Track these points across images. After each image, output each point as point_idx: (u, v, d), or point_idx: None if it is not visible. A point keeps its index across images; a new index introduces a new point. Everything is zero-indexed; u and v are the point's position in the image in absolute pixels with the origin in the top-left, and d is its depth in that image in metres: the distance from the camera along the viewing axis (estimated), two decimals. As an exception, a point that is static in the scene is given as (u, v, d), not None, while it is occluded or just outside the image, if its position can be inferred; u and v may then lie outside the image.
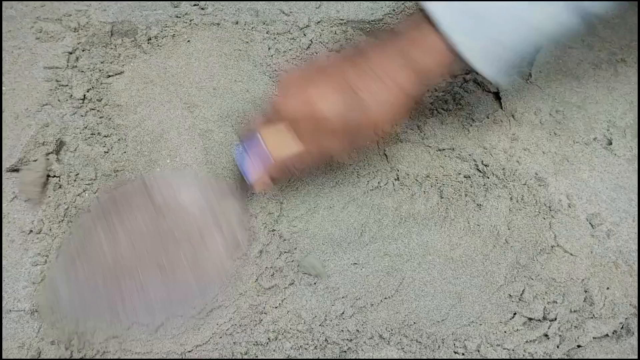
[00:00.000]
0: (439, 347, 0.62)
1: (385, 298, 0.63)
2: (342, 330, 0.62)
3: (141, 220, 0.55)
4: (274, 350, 0.61)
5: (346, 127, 0.51)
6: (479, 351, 0.61)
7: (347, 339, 0.61)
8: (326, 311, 0.62)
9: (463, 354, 0.61)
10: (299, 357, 0.61)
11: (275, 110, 0.53)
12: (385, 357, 0.61)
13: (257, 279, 0.63)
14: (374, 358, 0.61)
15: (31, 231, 0.63)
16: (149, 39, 0.75)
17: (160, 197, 0.56)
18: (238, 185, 0.58)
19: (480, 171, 0.69)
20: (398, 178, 0.69)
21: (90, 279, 0.54)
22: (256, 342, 0.61)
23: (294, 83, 0.52)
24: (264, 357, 0.61)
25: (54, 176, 0.64)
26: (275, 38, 0.75)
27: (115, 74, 0.72)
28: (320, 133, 0.52)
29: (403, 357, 0.61)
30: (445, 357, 0.61)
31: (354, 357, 0.61)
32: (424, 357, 0.61)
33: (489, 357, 0.61)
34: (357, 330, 0.62)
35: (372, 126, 0.52)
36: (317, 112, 0.50)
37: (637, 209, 0.67)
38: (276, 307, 0.62)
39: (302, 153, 0.53)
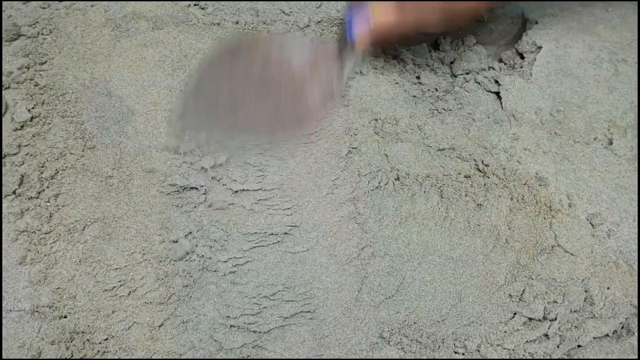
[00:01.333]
0: (439, 347, 0.62)
1: (386, 298, 0.64)
2: (342, 330, 0.62)
3: (251, 68, 0.68)
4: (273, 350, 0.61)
5: (446, 4, 0.59)
6: (479, 351, 0.61)
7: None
8: (326, 311, 0.62)
9: (463, 354, 0.61)
10: (300, 357, 0.61)
11: None
12: (385, 357, 0.61)
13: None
14: (374, 358, 0.61)
15: (32, 231, 0.63)
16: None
17: (269, 51, 0.69)
18: (342, 46, 0.68)
19: (480, 171, 0.69)
20: (398, 178, 0.69)
21: (210, 104, 0.67)
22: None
23: None
24: (264, 357, 0.61)
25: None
26: (275, 38, 0.75)
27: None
28: (422, 7, 0.60)
29: (403, 357, 0.61)
30: (445, 357, 0.61)
31: (354, 357, 0.61)
32: (424, 357, 0.61)
33: (489, 357, 0.61)
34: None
35: (469, 5, 0.60)
36: None
37: (637, 208, 0.67)
38: (276, 307, 0.62)
39: (400, 22, 0.62)
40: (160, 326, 0.62)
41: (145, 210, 0.65)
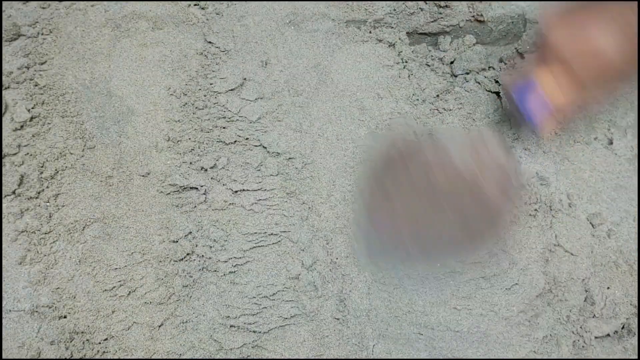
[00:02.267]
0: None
1: (387, 298, 0.63)
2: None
3: (416, 177, 0.58)
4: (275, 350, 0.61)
5: (624, 66, 0.47)
6: (479, 351, 0.61)
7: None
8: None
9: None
10: (298, 357, 0.61)
11: (549, 49, 0.49)
12: (385, 357, 0.61)
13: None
14: (374, 358, 0.61)
15: (31, 231, 0.63)
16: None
17: (434, 157, 0.58)
18: (515, 128, 0.61)
19: (480, 171, 0.69)
20: (398, 178, 0.69)
21: (381, 221, 0.61)
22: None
23: (563, 20, 0.49)
24: (264, 357, 0.61)
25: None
26: (275, 38, 0.75)
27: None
28: (603, 74, 0.48)
29: (399, 357, 0.61)
30: (443, 357, 0.61)
31: (355, 357, 0.61)
32: (427, 358, 0.61)
33: (491, 357, 0.61)
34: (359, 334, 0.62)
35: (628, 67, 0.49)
36: (601, 51, 0.46)
37: (637, 208, 0.67)
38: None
39: (581, 98, 0.51)
40: (160, 326, 0.62)
41: (145, 210, 0.65)
